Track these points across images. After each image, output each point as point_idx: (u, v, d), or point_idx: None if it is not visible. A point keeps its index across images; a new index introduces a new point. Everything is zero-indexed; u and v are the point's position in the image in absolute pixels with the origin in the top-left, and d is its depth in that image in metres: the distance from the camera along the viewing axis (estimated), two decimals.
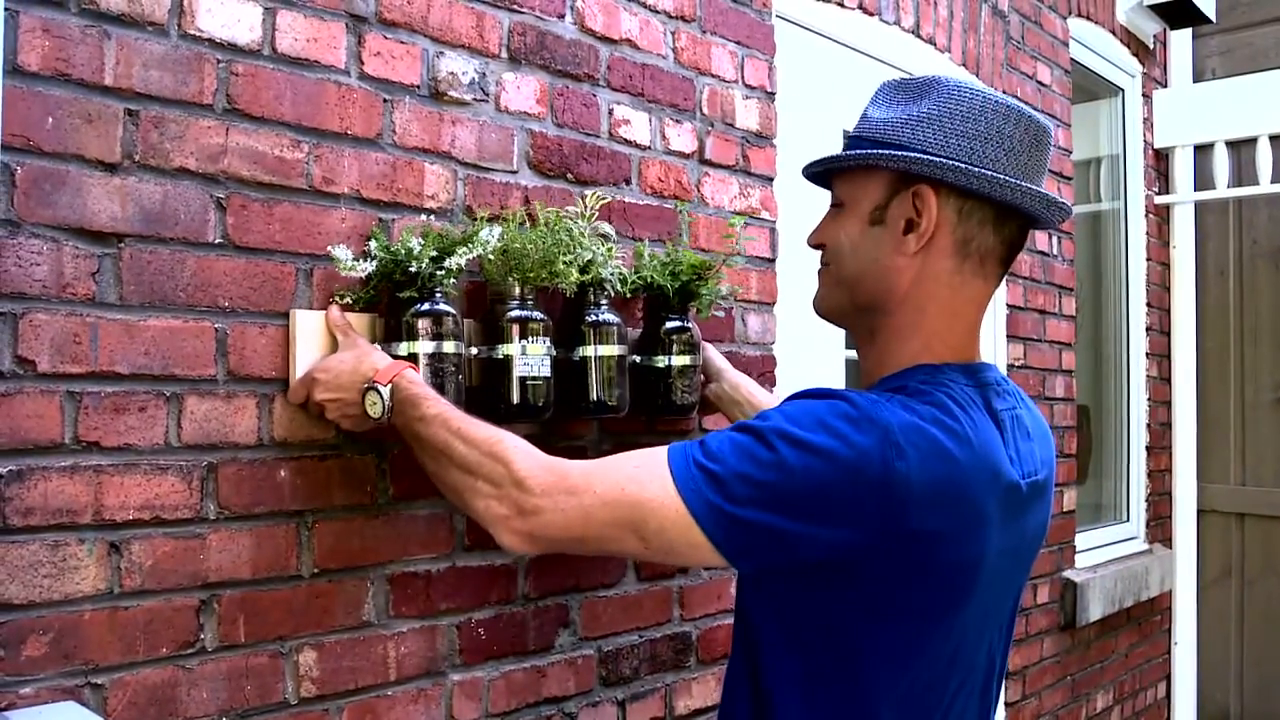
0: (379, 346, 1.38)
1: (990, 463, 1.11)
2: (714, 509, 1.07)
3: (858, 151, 1.21)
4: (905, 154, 1.16)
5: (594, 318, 1.59)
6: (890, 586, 1.09)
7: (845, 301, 1.25)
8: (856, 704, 1.13)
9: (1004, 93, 2.94)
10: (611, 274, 1.61)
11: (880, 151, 1.19)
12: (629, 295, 1.69)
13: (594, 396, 1.59)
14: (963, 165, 1.14)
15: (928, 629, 1.13)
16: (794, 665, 1.15)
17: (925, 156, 1.15)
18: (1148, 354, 3.85)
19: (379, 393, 1.28)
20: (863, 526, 1.05)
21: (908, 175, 1.17)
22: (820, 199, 1.48)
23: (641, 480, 1.11)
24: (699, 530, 1.07)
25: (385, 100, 1.47)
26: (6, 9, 1.12)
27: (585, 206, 1.64)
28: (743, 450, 1.08)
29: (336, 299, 1.39)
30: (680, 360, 1.70)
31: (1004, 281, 2.93)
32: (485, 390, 1.49)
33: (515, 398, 1.47)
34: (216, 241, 1.30)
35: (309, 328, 1.37)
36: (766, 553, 1.08)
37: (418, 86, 1.51)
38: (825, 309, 1.28)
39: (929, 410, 1.09)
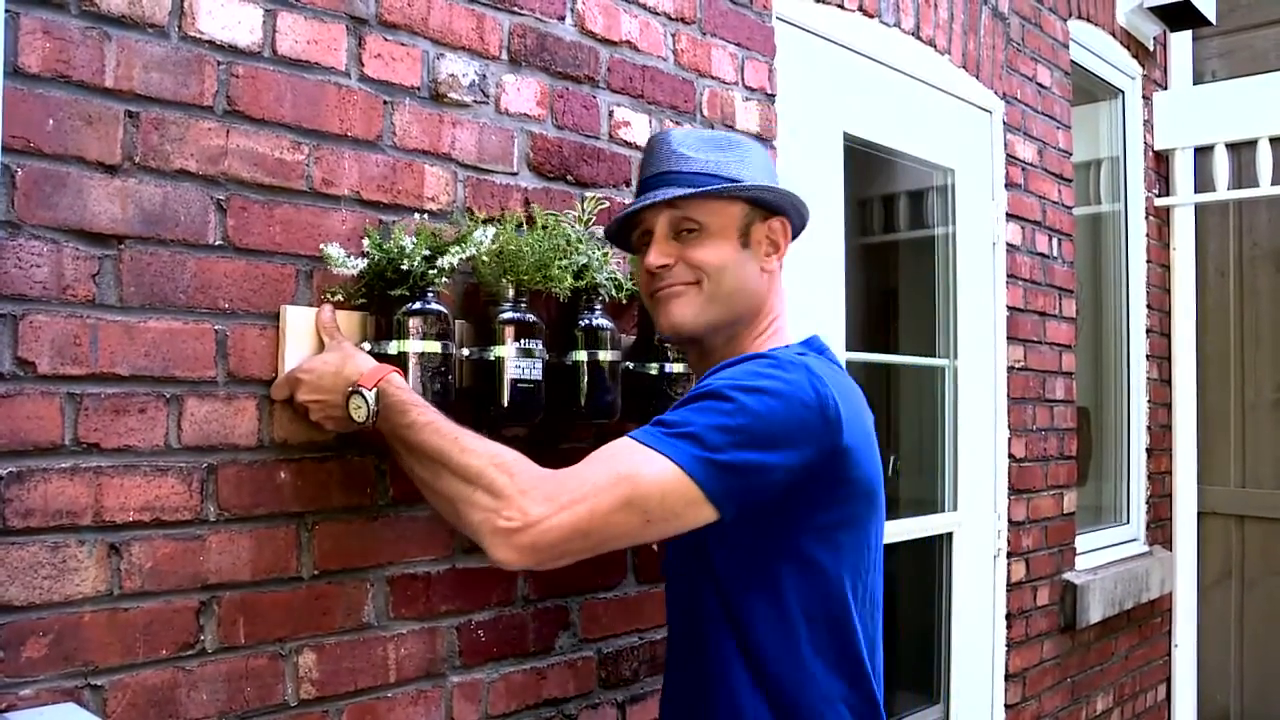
0: (368, 345, 1.39)
1: (862, 395, 1.39)
2: (702, 461, 1.19)
3: (752, 184, 1.41)
4: (772, 188, 1.42)
5: (587, 322, 1.59)
6: (833, 499, 1.30)
7: (720, 316, 1.41)
8: (837, 619, 1.33)
9: (1005, 95, 2.95)
10: (607, 279, 1.61)
11: (766, 184, 1.42)
12: (624, 301, 1.69)
13: (586, 402, 1.58)
14: (793, 200, 1.43)
15: (861, 539, 1.36)
16: (769, 610, 1.31)
17: (776, 192, 1.42)
18: (1148, 356, 3.85)
19: (364, 396, 1.28)
20: (814, 445, 1.25)
21: (760, 204, 1.42)
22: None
23: (631, 461, 1.20)
24: (695, 486, 1.19)
25: (385, 102, 1.47)
26: (7, 11, 1.12)
27: (583, 210, 1.64)
28: (705, 410, 1.23)
29: (328, 295, 1.39)
30: (674, 367, 1.69)
31: (1005, 283, 2.95)
32: (476, 392, 1.49)
33: (506, 400, 1.47)
34: (217, 243, 1.30)
35: (299, 324, 1.36)
36: (749, 491, 1.22)
37: (418, 88, 1.51)
38: (695, 325, 1.41)
39: (816, 357, 1.36)
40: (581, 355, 1.58)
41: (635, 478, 1.18)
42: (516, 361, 1.47)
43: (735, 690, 1.32)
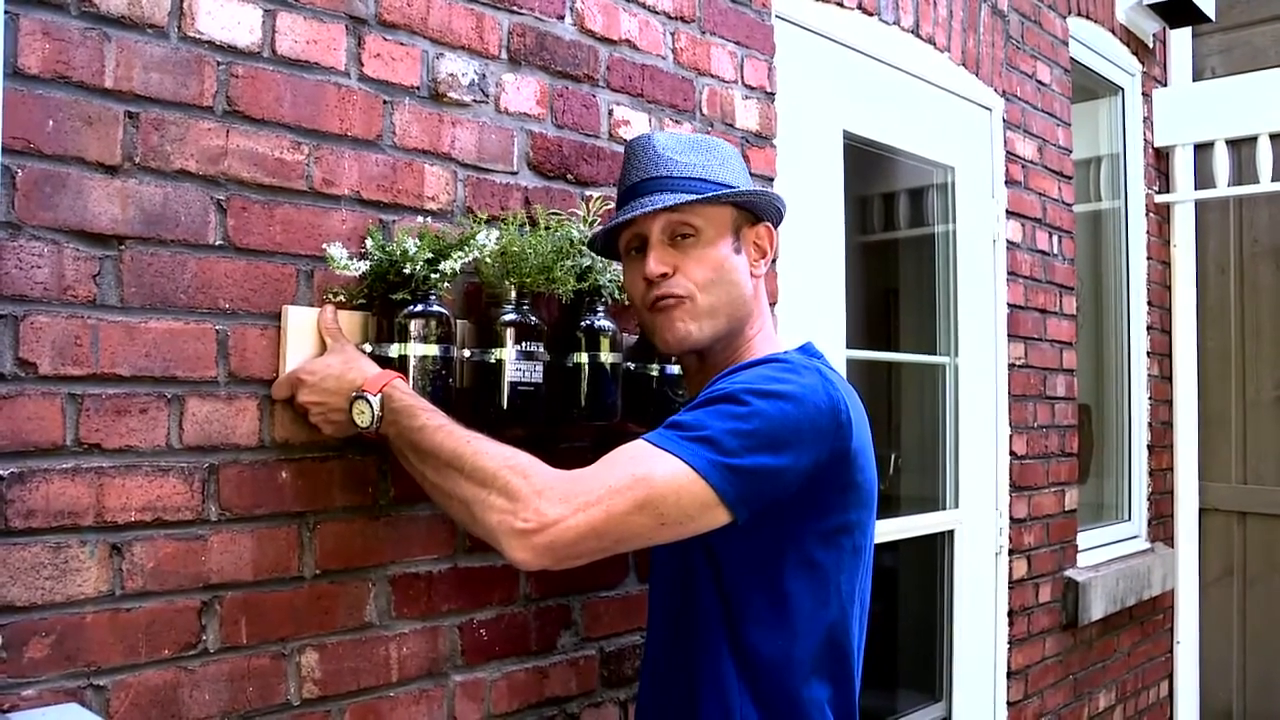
0: (369, 347, 1.38)
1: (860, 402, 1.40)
2: (717, 466, 1.20)
3: (747, 189, 1.43)
4: (763, 192, 1.44)
5: (589, 324, 1.58)
6: (840, 504, 1.32)
7: (721, 327, 1.42)
8: (834, 623, 1.34)
9: (1004, 92, 2.94)
10: (610, 281, 1.60)
11: (759, 189, 1.44)
12: (627, 303, 1.69)
13: (586, 403, 1.58)
14: (776, 203, 1.46)
15: (861, 543, 1.37)
16: (770, 612, 1.31)
17: (766, 195, 1.44)
18: (1149, 353, 3.85)
19: (368, 402, 1.28)
20: (826, 448, 1.26)
21: (747, 208, 1.44)
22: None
23: (646, 464, 1.20)
24: (710, 489, 1.19)
25: (385, 102, 1.47)
26: (7, 11, 1.12)
27: (588, 211, 1.63)
28: (721, 413, 1.23)
29: (330, 296, 1.39)
30: (675, 368, 1.69)
31: (1005, 280, 2.95)
32: (476, 393, 1.49)
33: (506, 402, 1.46)
34: (217, 243, 1.30)
35: (300, 324, 1.36)
36: (763, 494, 1.23)
37: (418, 88, 1.51)
38: (699, 340, 1.42)
39: (823, 362, 1.38)
40: (583, 357, 1.57)
41: (651, 480, 1.19)
42: (517, 364, 1.47)
43: (725, 690, 1.33)
